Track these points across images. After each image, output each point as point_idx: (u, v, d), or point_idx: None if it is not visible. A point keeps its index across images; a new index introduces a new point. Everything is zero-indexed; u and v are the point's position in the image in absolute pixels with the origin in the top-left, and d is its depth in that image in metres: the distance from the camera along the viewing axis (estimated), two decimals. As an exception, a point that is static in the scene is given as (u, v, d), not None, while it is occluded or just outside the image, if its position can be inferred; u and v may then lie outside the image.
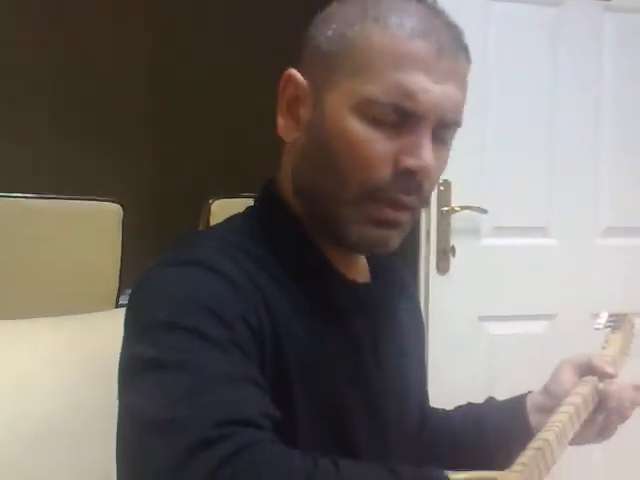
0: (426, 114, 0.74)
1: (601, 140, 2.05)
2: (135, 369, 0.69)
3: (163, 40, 3.01)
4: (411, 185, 0.76)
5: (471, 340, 1.94)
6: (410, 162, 0.74)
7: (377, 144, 0.75)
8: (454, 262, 1.90)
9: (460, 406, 1.03)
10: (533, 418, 0.93)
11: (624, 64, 2.06)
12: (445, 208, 1.88)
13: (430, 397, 1.04)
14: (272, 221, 0.83)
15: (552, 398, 0.92)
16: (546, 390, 0.95)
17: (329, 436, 0.78)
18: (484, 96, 1.89)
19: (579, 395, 0.86)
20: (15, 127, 2.76)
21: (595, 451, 1.96)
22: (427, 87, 0.74)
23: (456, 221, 1.90)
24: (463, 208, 1.89)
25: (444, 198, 1.87)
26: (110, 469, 0.71)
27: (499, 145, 1.94)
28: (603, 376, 0.89)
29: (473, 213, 1.90)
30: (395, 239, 0.79)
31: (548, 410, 0.90)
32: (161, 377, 0.65)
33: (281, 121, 0.81)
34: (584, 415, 0.85)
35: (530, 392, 0.97)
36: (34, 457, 0.89)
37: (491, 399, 1.02)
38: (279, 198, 0.83)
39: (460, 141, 0.85)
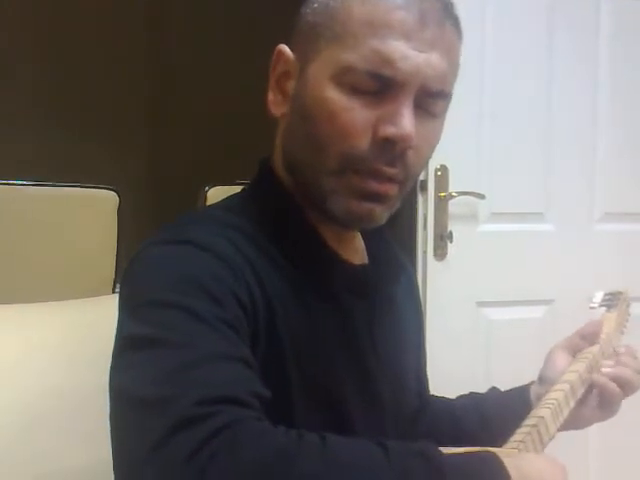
0: (406, 81, 0.73)
1: (598, 126, 2.05)
2: (124, 346, 0.68)
3: (161, 27, 2.99)
4: (393, 155, 0.75)
5: (469, 326, 1.94)
6: (389, 130, 0.73)
7: (355, 112, 0.74)
8: (451, 248, 1.90)
9: (462, 396, 1.03)
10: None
11: (621, 49, 2.05)
12: (442, 193, 1.88)
13: (429, 383, 1.04)
14: (267, 200, 0.82)
15: (550, 385, 0.92)
16: (542, 378, 0.95)
17: (324, 415, 0.77)
18: (481, 81, 1.88)
19: (574, 372, 0.86)
20: (11, 117, 2.75)
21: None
22: (407, 54, 0.73)
23: (453, 207, 1.90)
24: (460, 194, 1.88)
25: (441, 183, 1.87)
26: (103, 453, 0.70)
27: (496, 131, 1.93)
28: (595, 336, 0.91)
29: (470, 199, 1.90)
30: (381, 213, 0.78)
31: None
32: (149, 354, 0.64)
33: (270, 96, 0.81)
34: (580, 391, 0.86)
35: (533, 382, 0.97)
36: (27, 442, 0.88)
37: (494, 389, 1.02)
38: (273, 177, 0.83)
39: (458, 126, 0.85)
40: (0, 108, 2.74)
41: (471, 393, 1.03)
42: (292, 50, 0.80)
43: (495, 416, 0.94)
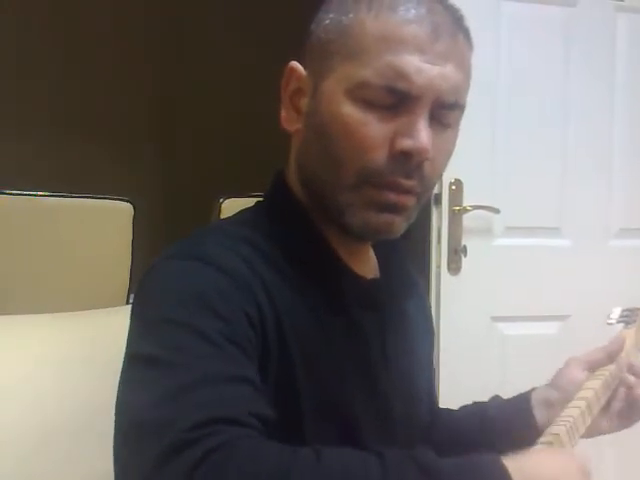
0: (421, 95, 0.74)
1: (614, 140, 2.04)
2: (130, 363, 0.69)
3: (176, 38, 3.02)
4: (409, 167, 0.75)
5: (483, 341, 1.93)
6: (405, 143, 0.74)
7: (371, 127, 0.74)
8: (466, 262, 1.89)
9: (465, 405, 1.02)
10: (538, 413, 0.93)
11: (637, 64, 2.04)
12: (457, 207, 1.87)
13: (442, 398, 1.03)
14: (280, 214, 0.82)
15: (558, 390, 0.93)
16: (552, 383, 0.95)
17: (335, 430, 0.77)
18: (496, 95, 1.88)
19: (591, 390, 0.86)
20: (25, 129, 2.78)
21: (607, 452, 1.95)
22: (421, 67, 0.73)
23: (468, 221, 1.89)
24: (475, 208, 1.88)
25: (456, 197, 1.86)
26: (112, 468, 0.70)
27: (511, 145, 1.93)
28: (613, 356, 0.91)
29: (485, 213, 1.89)
30: (399, 224, 0.78)
31: (554, 403, 0.91)
32: (152, 374, 0.64)
33: (283, 113, 0.81)
34: (597, 408, 0.85)
35: (534, 388, 0.97)
36: (40, 455, 0.88)
37: (496, 397, 1.02)
38: (287, 191, 0.83)
39: (472, 140, 0.85)
40: (17, 122, 2.77)
41: (474, 403, 1.02)
42: (304, 67, 0.80)
43: (498, 428, 0.94)
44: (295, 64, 0.80)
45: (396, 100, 0.74)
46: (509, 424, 0.93)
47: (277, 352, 0.72)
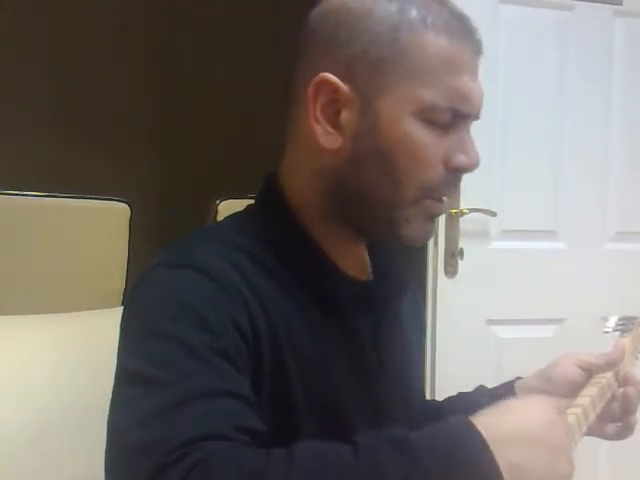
0: (473, 113, 0.78)
1: (610, 144, 2.04)
2: (119, 377, 0.69)
3: (173, 40, 3.01)
4: (459, 180, 0.80)
5: (479, 344, 1.93)
6: (461, 160, 0.78)
7: (433, 146, 0.76)
8: (462, 265, 1.89)
9: (450, 397, 1.03)
10: None
11: (633, 68, 2.05)
12: (454, 210, 1.87)
13: (436, 400, 1.03)
14: (271, 218, 0.82)
15: (547, 382, 0.93)
16: (542, 374, 0.95)
17: (330, 435, 0.77)
18: (493, 99, 1.88)
19: (587, 397, 0.86)
20: (22, 129, 2.77)
21: (600, 450, 1.95)
22: (473, 87, 0.77)
23: (465, 224, 1.89)
24: (472, 211, 1.88)
25: (453, 200, 1.87)
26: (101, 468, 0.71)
27: (508, 148, 1.93)
28: (612, 365, 0.91)
29: (482, 216, 1.90)
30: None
31: (541, 393, 0.91)
32: (137, 391, 0.65)
33: (318, 129, 0.77)
34: (593, 416, 0.85)
35: (519, 377, 0.97)
36: (30, 454, 0.88)
37: (481, 387, 1.02)
38: (280, 195, 0.82)
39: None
40: (14, 121, 2.76)
41: (459, 393, 1.03)
42: (342, 79, 0.76)
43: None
44: (329, 76, 0.76)
45: (454, 119, 0.77)
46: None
47: (271, 358, 0.72)
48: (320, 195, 0.81)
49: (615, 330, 1.03)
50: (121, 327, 0.73)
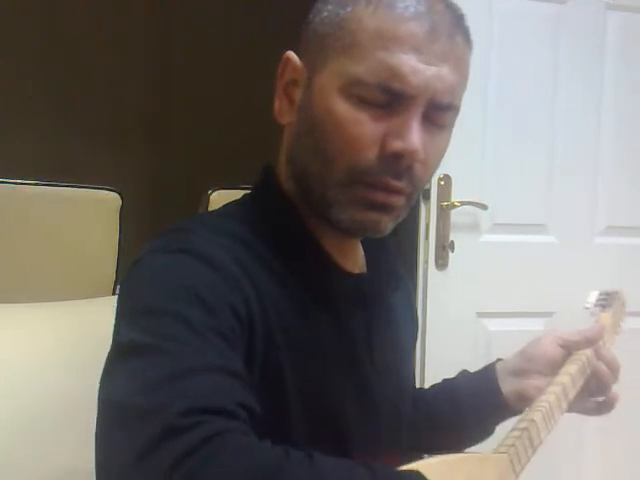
0: (415, 95, 0.73)
1: (602, 138, 2.04)
2: (116, 352, 0.68)
3: (163, 30, 3.00)
4: (400, 169, 0.74)
5: (469, 336, 1.93)
6: (396, 144, 0.73)
7: (364, 125, 0.73)
8: (453, 258, 1.90)
9: (435, 385, 1.04)
10: (505, 382, 0.95)
11: (626, 62, 2.05)
12: (445, 203, 1.87)
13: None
14: (267, 208, 0.82)
15: (527, 360, 0.94)
16: (523, 353, 0.96)
17: (321, 427, 0.77)
18: (486, 92, 1.88)
19: (567, 375, 0.87)
20: (14, 117, 2.76)
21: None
22: (417, 68, 0.72)
23: (456, 216, 1.89)
24: (463, 203, 1.88)
25: (444, 193, 1.87)
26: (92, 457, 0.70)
27: (500, 141, 1.93)
28: (591, 342, 0.92)
29: (473, 209, 1.90)
30: (386, 223, 0.78)
31: (521, 373, 0.92)
32: (138, 363, 0.64)
33: (277, 103, 0.80)
34: (572, 394, 0.86)
35: (500, 359, 0.98)
36: (24, 442, 0.88)
37: (464, 372, 1.03)
38: (275, 184, 0.82)
39: (461, 136, 0.85)
40: (5, 109, 2.75)
41: (443, 380, 1.04)
42: (300, 58, 0.79)
43: (465, 402, 0.97)
44: (291, 54, 0.79)
45: (390, 99, 0.73)
46: (477, 400, 0.95)
47: (264, 346, 0.72)
48: (290, 179, 0.81)
49: (596, 305, 1.03)
50: (117, 309, 0.73)
